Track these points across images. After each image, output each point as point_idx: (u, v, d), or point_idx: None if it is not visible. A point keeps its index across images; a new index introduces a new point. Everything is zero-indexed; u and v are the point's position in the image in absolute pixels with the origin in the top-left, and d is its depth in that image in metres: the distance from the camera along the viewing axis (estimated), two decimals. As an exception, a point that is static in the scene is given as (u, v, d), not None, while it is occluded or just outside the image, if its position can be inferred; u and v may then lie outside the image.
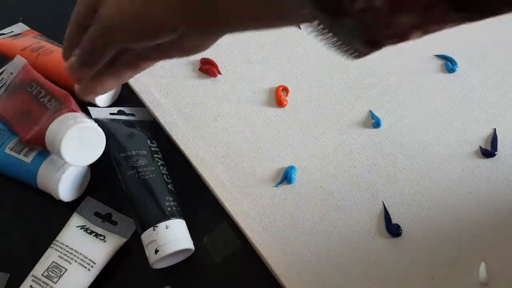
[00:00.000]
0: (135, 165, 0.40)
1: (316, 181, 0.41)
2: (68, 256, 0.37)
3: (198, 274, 0.38)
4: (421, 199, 0.40)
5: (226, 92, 0.46)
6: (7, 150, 0.41)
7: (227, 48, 0.49)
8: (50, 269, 0.36)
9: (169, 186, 0.40)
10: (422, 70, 0.48)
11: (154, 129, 0.44)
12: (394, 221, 0.39)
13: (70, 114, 0.38)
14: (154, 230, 0.36)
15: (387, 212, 0.39)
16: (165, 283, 0.38)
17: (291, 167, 0.41)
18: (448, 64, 0.48)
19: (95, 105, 0.44)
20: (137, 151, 0.41)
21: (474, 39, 0.50)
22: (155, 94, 0.46)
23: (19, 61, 0.46)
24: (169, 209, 0.38)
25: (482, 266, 0.36)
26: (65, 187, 0.39)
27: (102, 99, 0.46)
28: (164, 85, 0.46)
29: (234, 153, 0.43)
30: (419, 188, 0.41)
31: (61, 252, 0.37)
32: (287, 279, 0.36)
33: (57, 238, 0.38)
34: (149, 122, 0.45)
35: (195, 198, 0.41)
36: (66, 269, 0.36)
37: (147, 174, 0.39)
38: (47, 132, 0.37)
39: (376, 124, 0.44)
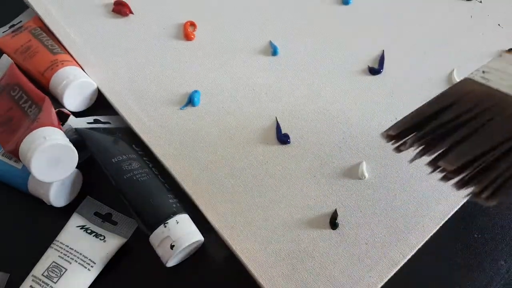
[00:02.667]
0: (129, 168, 0.40)
1: (218, 103, 0.46)
2: (68, 256, 0.37)
3: (198, 274, 0.38)
4: (310, 112, 0.45)
5: (138, 29, 0.51)
6: (-2, 156, 0.41)
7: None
8: (50, 269, 0.36)
9: (166, 185, 0.40)
10: (319, 2, 0.53)
11: (133, 135, 0.44)
12: (284, 131, 0.44)
13: (42, 130, 0.38)
14: (165, 227, 0.36)
15: (279, 124, 0.44)
16: (165, 284, 0.38)
17: (195, 91, 0.46)
18: None
19: (65, 114, 0.44)
20: (127, 155, 0.41)
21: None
22: (68, 31, 0.50)
23: (5, 60, 0.46)
24: (174, 205, 0.38)
25: (363, 164, 0.41)
26: (56, 193, 0.39)
27: (76, 104, 0.46)
28: (79, 25, 0.51)
29: (141, 79, 0.48)
30: (309, 102, 0.46)
31: (61, 252, 0.37)
32: (188, 186, 0.41)
33: (57, 238, 0.38)
34: (127, 129, 0.45)
35: (191, 198, 0.41)
36: (66, 269, 0.36)
37: (143, 175, 0.39)
38: (20, 150, 0.37)
39: (274, 52, 0.49)
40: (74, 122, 0.42)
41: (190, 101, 0.46)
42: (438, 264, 0.38)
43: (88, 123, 0.43)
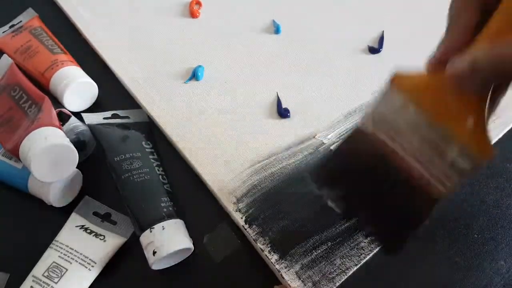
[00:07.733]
0: (129, 168, 0.39)
1: (221, 78, 0.48)
2: (68, 256, 0.37)
3: (198, 274, 0.38)
4: (309, 88, 0.47)
5: (144, 7, 0.54)
6: (-1, 156, 0.41)
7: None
8: (50, 269, 0.36)
9: (166, 186, 0.40)
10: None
11: (149, 130, 0.44)
12: (284, 106, 0.46)
13: (42, 130, 0.38)
14: (150, 232, 0.36)
15: (279, 99, 0.46)
16: (165, 283, 0.38)
17: (199, 66, 0.48)
18: None
19: (66, 114, 0.43)
20: (131, 154, 0.41)
21: None
22: (77, 8, 0.53)
23: (5, 61, 0.46)
24: (165, 210, 0.38)
25: None
26: (56, 193, 0.39)
27: (77, 104, 0.46)
28: (88, 2, 0.54)
29: (147, 54, 0.50)
30: (309, 79, 0.48)
31: (61, 252, 0.37)
32: (197, 163, 0.42)
33: (57, 238, 0.38)
34: (144, 123, 0.45)
35: (194, 198, 0.41)
36: (66, 269, 0.36)
37: (141, 176, 0.39)
38: (20, 150, 0.37)
39: (277, 30, 0.52)
40: (89, 118, 0.43)
41: (194, 75, 0.48)
42: (438, 264, 0.38)
43: (104, 118, 0.44)
